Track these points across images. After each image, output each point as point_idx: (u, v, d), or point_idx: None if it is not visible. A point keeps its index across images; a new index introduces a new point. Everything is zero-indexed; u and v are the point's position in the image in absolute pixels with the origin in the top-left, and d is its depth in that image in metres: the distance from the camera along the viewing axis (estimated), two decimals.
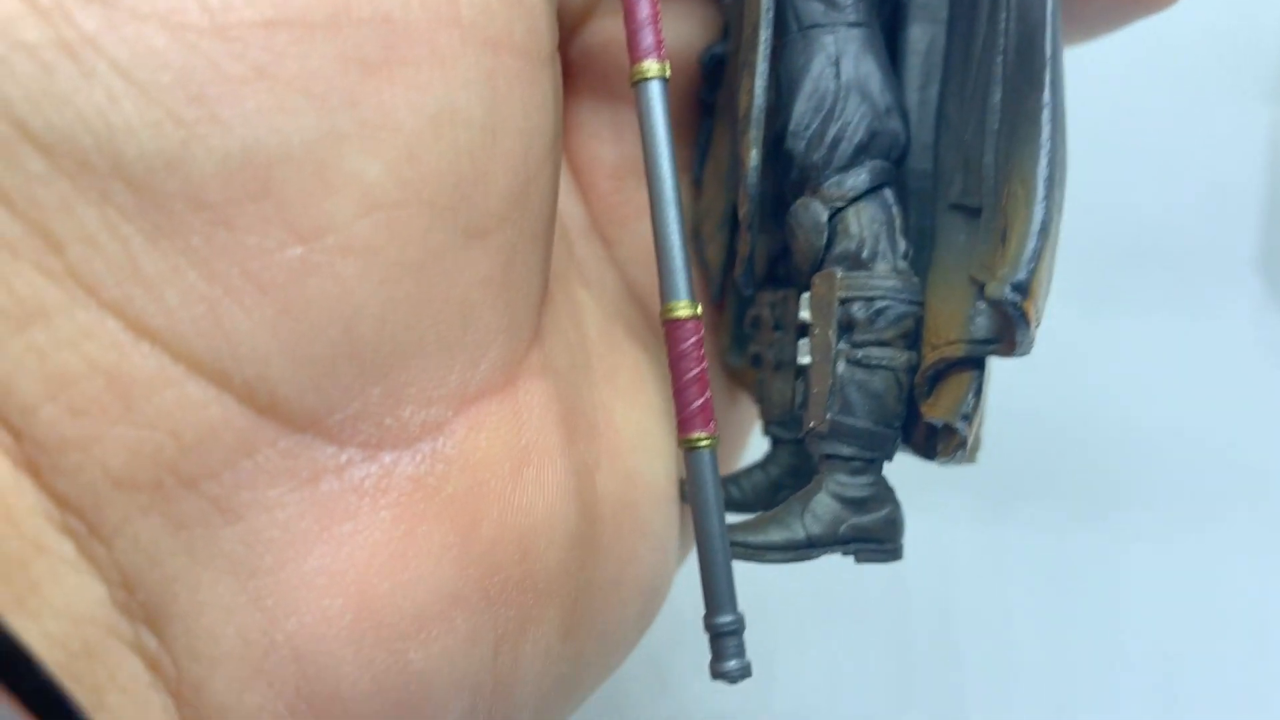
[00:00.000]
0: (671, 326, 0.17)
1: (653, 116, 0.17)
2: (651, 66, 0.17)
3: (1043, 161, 0.16)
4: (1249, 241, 0.43)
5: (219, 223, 0.14)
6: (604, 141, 0.22)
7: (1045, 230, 0.16)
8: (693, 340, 0.17)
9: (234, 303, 0.14)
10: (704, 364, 0.17)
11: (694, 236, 0.22)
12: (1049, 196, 0.16)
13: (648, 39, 0.17)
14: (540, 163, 0.17)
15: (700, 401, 0.16)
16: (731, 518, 0.18)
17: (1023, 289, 0.16)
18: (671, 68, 0.21)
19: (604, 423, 0.19)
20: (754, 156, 0.18)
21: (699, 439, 0.16)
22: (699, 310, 0.17)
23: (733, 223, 0.21)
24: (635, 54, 0.17)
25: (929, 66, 0.20)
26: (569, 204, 0.22)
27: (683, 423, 0.17)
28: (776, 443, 0.21)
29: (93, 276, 0.14)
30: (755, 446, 0.23)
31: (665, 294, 0.17)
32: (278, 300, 0.14)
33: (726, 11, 0.21)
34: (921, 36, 0.20)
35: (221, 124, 0.14)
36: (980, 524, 0.37)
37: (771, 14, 0.18)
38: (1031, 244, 0.16)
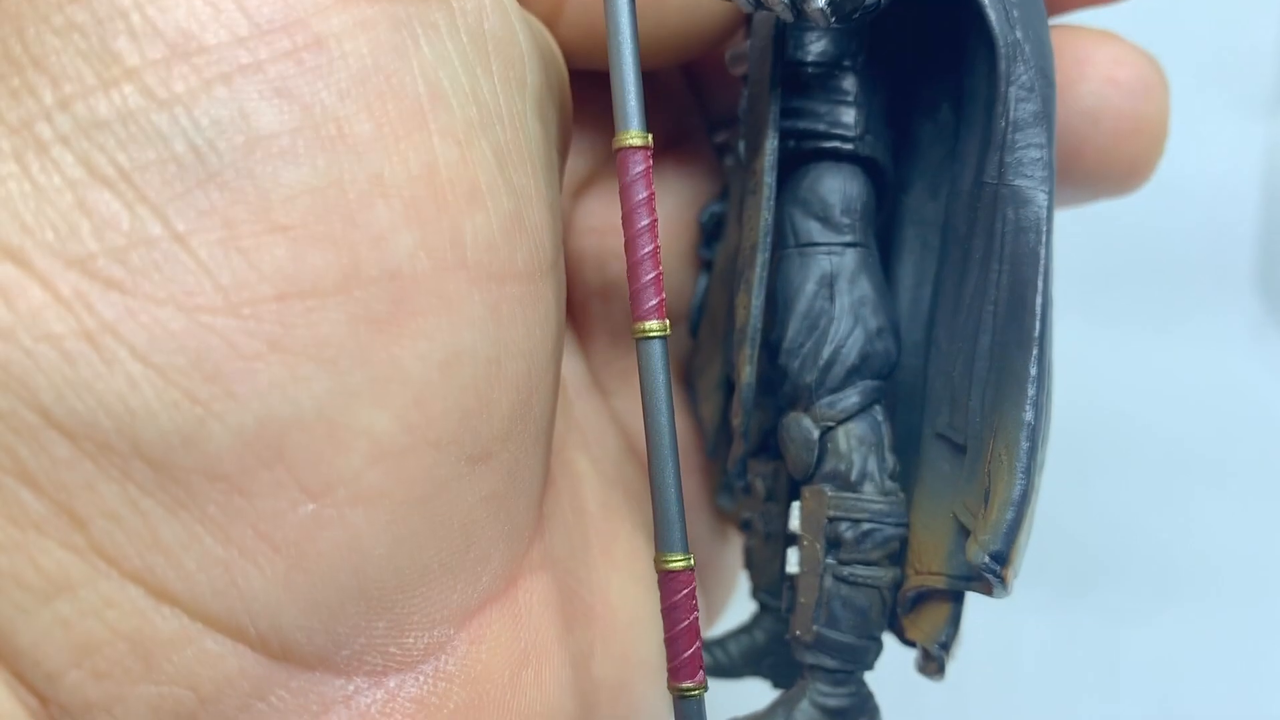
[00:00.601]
0: (666, 577, 0.17)
1: (653, 374, 0.17)
2: (653, 326, 0.17)
3: (1024, 434, 0.17)
4: (1245, 258, 0.43)
5: (234, 491, 0.15)
6: (602, 300, 0.22)
7: (1024, 501, 0.17)
8: (685, 592, 0.17)
9: (249, 562, 0.15)
10: (695, 613, 0.17)
11: (688, 388, 0.23)
12: (1029, 469, 0.17)
13: (650, 300, 0.17)
14: (543, 371, 0.18)
15: (690, 651, 0.17)
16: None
17: (1001, 559, 0.17)
18: (671, 224, 0.21)
19: (600, 604, 0.20)
20: (748, 374, 0.19)
21: (689, 689, 0.17)
22: (692, 561, 0.17)
23: (727, 387, 0.21)
24: (637, 313, 0.17)
25: (922, 268, 0.20)
26: (570, 363, 0.22)
27: (673, 671, 0.17)
28: (763, 608, 0.22)
29: (115, 549, 0.14)
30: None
31: (660, 545, 0.17)
32: (290, 556, 0.15)
33: (727, 173, 0.21)
34: (915, 237, 0.20)
35: (236, 399, 0.14)
36: None
37: (769, 238, 0.19)
38: (1010, 515, 0.17)
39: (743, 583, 0.23)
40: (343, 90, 0.15)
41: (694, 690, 0.17)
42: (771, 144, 0.18)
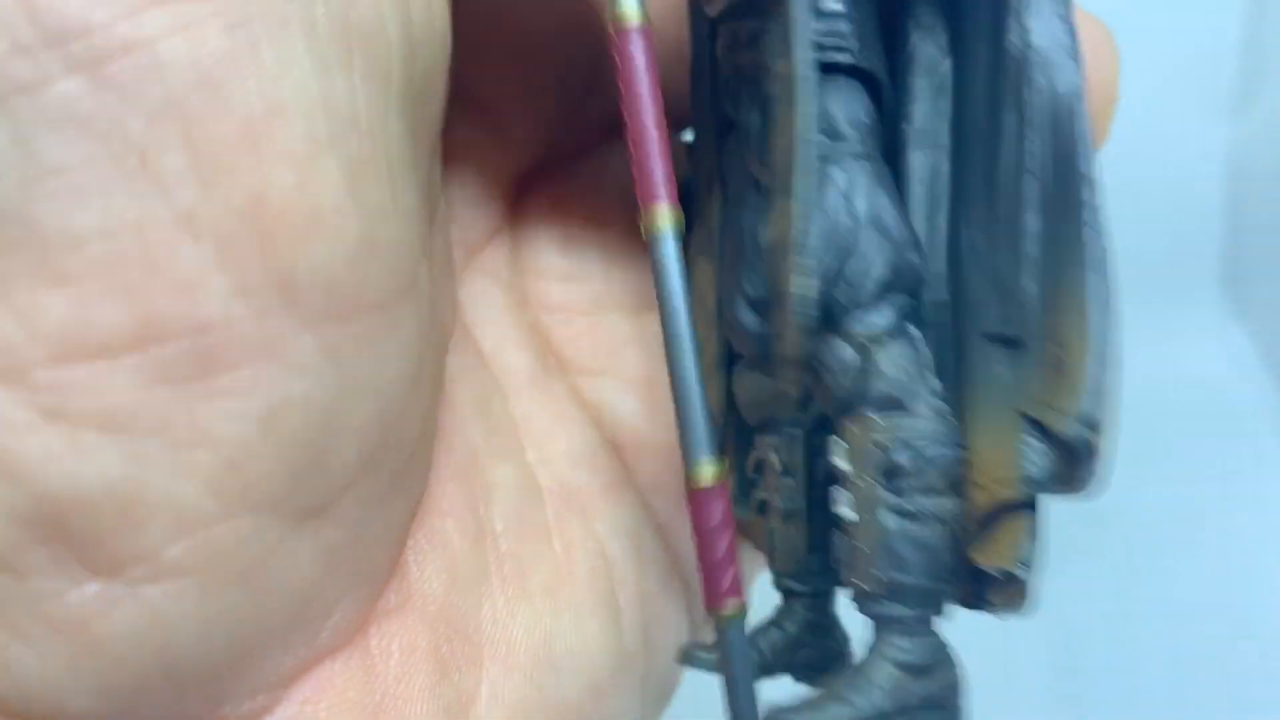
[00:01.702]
0: (697, 499, 0.15)
1: (666, 268, 0.16)
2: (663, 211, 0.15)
3: (1091, 295, 0.15)
4: (1210, 257, 0.43)
5: (4, 571, 0.13)
6: (573, 280, 0.21)
7: (1106, 357, 0.15)
8: (722, 513, 0.15)
9: (23, 646, 0.13)
10: (732, 530, 0.16)
11: None
12: (1104, 327, 0.15)
13: (657, 183, 0.15)
14: (406, 402, 0.16)
15: (731, 574, 0.15)
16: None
17: (1092, 422, 0.15)
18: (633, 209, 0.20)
19: (493, 639, 0.18)
20: (802, 285, 0.16)
21: (731, 613, 0.15)
22: (725, 467, 0.16)
23: (729, 362, 0.20)
24: (645, 195, 0.15)
25: (935, 194, 0.19)
26: (511, 357, 0.20)
27: (712, 595, 0.15)
28: (789, 596, 0.20)
29: None
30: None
31: (688, 459, 0.16)
32: (74, 639, 0.13)
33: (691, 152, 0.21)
34: (924, 164, 0.19)
35: (6, 476, 0.13)
36: None
37: (813, 133, 0.17)
38: (1093, 366, 0.15)
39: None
40: (152, 113, 0.12)
41: (736, 613, 0.15)
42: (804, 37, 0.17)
